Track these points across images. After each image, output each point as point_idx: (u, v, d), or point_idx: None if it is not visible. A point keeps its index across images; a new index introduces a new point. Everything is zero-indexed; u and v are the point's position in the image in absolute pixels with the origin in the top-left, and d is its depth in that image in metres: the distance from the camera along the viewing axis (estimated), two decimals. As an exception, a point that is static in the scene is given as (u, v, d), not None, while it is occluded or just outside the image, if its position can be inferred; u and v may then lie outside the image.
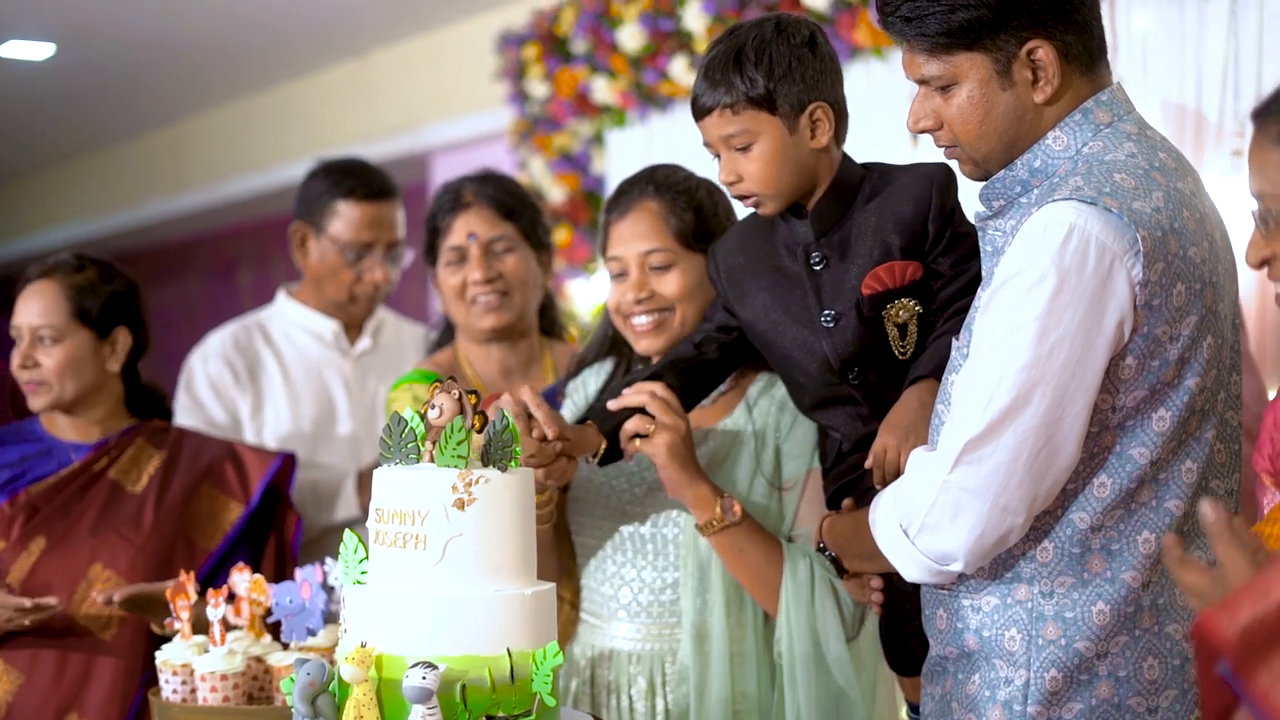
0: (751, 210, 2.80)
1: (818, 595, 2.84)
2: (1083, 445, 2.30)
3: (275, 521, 3.57)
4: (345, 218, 4.10)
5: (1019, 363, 2.26)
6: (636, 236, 2.98)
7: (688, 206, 2.98)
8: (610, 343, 3.19)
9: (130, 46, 7.49)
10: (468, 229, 3.44)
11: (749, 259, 2.83)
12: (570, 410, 3.18)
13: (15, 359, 3.42)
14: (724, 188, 2.78)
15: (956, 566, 2.37)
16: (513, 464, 2.42)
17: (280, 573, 3.43)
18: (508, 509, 2.39)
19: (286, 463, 3.59)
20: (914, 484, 2.39)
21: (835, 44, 4.72)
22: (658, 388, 2.80)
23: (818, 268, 2.73)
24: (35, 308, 3.42)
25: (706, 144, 2.75)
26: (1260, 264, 2.06)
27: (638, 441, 2.79)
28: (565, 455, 2.76)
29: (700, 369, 2.89)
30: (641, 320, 2.98)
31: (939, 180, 2.71)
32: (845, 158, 2.77)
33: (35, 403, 3.45)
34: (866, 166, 2.78)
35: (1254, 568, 1.77)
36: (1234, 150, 3.69)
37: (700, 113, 2.72)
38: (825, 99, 2.69)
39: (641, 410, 2.80)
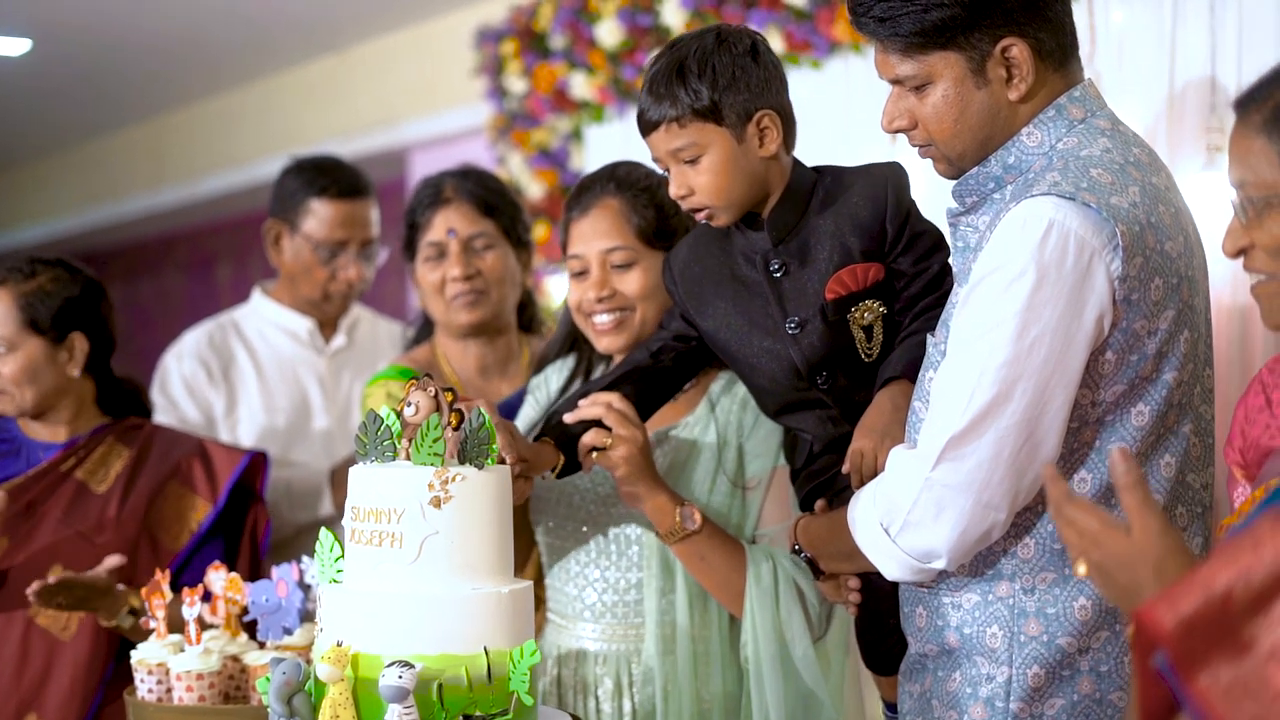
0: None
1: (782, 597, 2.83)
2: (1063, 441, 2.30)
3: (248, 520, 3.54)
4: (319, 216, 4.08)
5: (999, 359, 2.25)
6: (597, 234, 2.96)
7: (649, 204, 2.96)
8: (571, 340, 3.17)
9: (108, 42, 7.45)
10: (447, 225, 3.43)
11: (705, 269, 2.81)
12: (533, 407, 3.17)
13: None
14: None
15: (939, 564, 2.36)
16: (489, 461, 2.41)
17: (252, 572, 3.42)
18: (484, 507, 2.38)
19: (257, 460, 3.56)
20: (895, 482, 2.39)
21: (814, 39, 4.74)
22: (614, 398, 2.77)
23: (778, 275, 2.71)
24: None
25: (655, 159, 2.73)
26: (1237, 253, 2.05)
27: (595, 454, 2.77)
28: (523, 476, 2.73)
29: (657, 377, 2.87)
30: (603, 319, 2.97)
31: (893, 180, 2.70)
32: (796, 163, 2.75)
33: None
34: (818, 170, 2.77)
35: (1166, 533, 1.76)
36: (1213, 146, 3.69)
37: (647, 128, 2.70)
38: (771, 106, 2.68)
39: (598, 422, 2.78)
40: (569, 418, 2.78)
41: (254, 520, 3.54)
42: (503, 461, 2.62)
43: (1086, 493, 2.34)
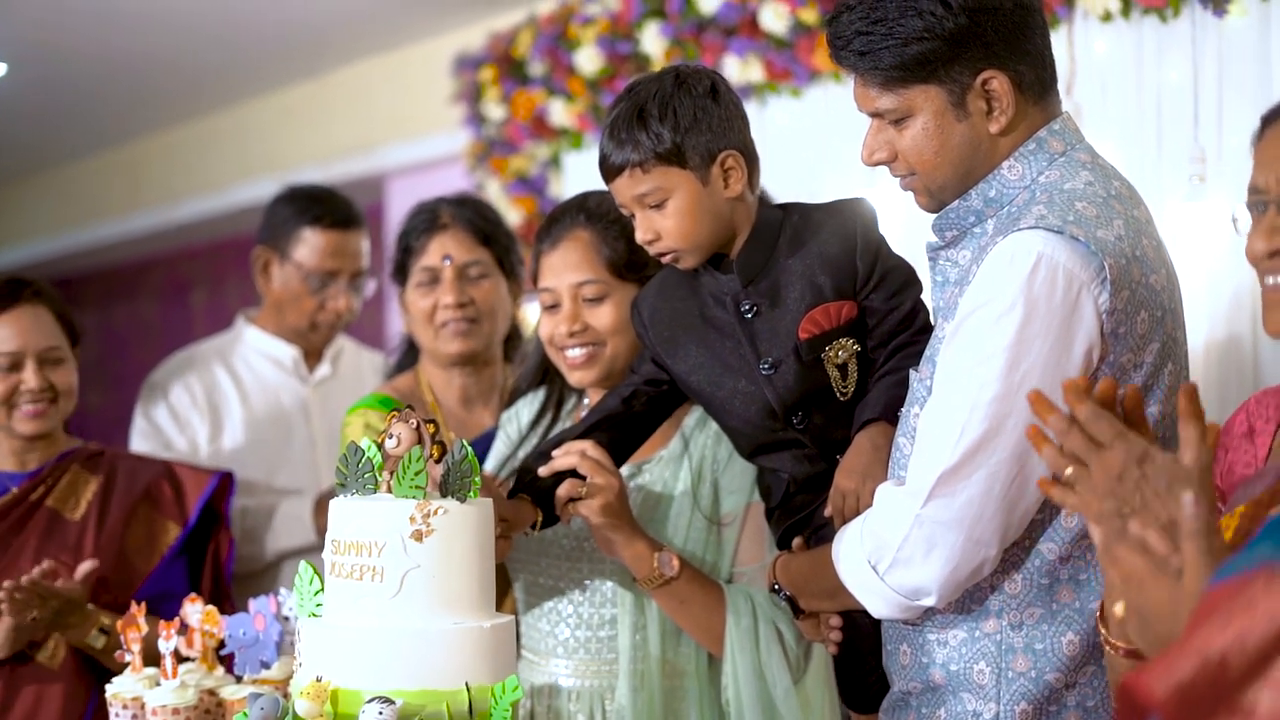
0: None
1: (762, 637, 2.81)
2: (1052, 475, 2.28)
3: (212, 542, 3.52)
4: (311, 245, 4.07)
5: (990, 394, 2.24)
6: (568, 267, 2.93)
7: (620, 236, 2.92)
8: (543, 371, 3.15)
9: (84, 66, 7.42)
10: (443, 251, 3.41)
11: (675, 312, 2.78)
12: (504, 443, 3.14)
13: (31, 382, 3.30)
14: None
15: (928, 601, 2.34)
16: (471, 494, 2.39)
17: (216, 595, 3.39)
18: (466, 541, 2.36)
19: (224, 481, 3.53)
20: (884, 519, 2.36)
21: (794, 68, 4.74)
22: (588, 446, 2.74)
23: (749, 316, 2.69)
24: (37, 330, 3.33)
25: (620, 205, 2.70)
26: (1273, 252, 2.03)
27: (573, 506, 2.74)
28: (503, 536, 2.70)
29: (630, 423, 2.84)
30: (574, 352, 2.94)
31: (862, 216, 2.69)
32: (762, 202, 2.73)
33: (42, 425, 3.34)
34: (784, 208, 2.75)
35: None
36: (1196, 175, 3.69)
37: (610, 174, 2.67)
38: (734, 146, 2.65)
39: (573, 472, 2.75)
40: (543, 471, 2.76)
41: (218, 543, 3.52)
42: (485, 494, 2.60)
43: (1074, 526, 2.32)
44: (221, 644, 2.83)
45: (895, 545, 2.33)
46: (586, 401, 3.07)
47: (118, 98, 8.19)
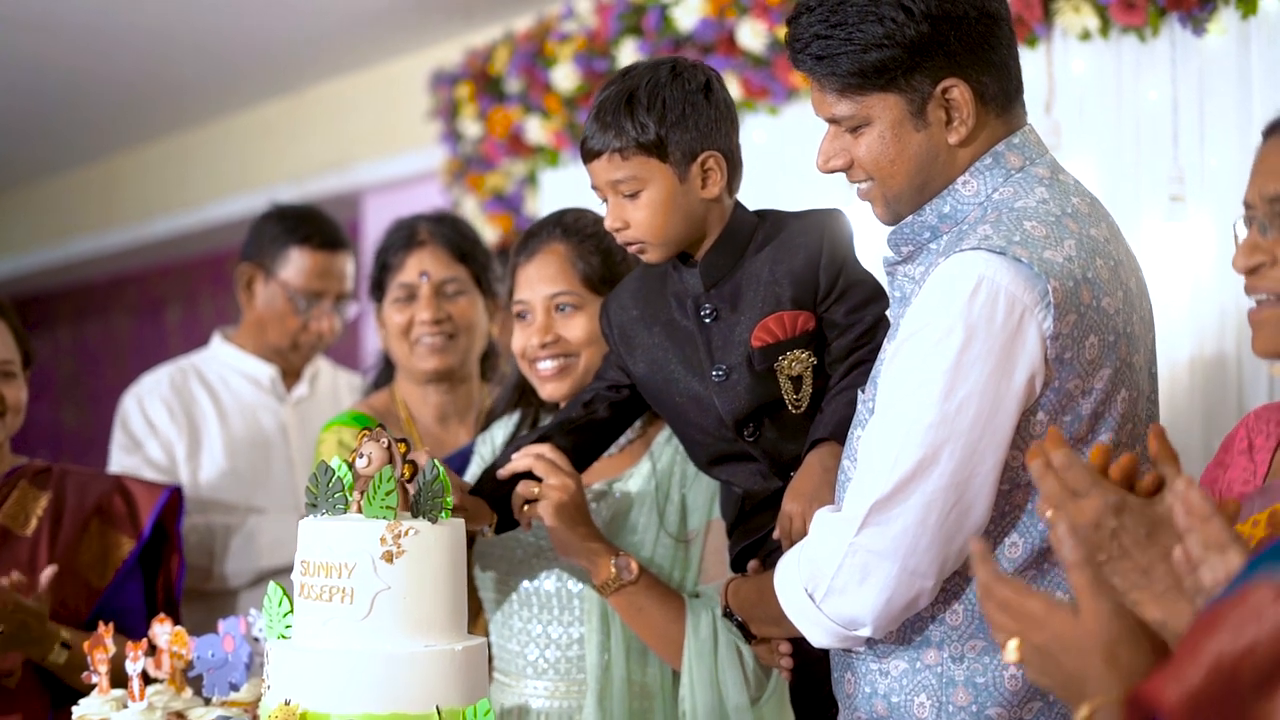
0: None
1: (721, 651, 2.78)
2: (993, 504, 2.23)
3: (163, 560, 3.48)
4: (297, 264, 4.07)
5: (926, 420, 2.18)
6: (543, 279, 2.93)
7: (595, 250, 2.92)
8: (520, 391, 3.13)
9: (58, 81, 7.40)
10: (421, 267, 3.42)
11: (641, 312, 2.77)
12: (478, 465, 3.12)
13: None
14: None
15: (864, 631, 2.29)
16: (443, 515, 2.36)
17: (168, 613, 3.35)
18: (438, 562, 2.34)
19: (174, 496, 3.50)
20: (819, 546, 2.31)
21: (771, 86, 4.73)
22: (545, 449, 2.73)
23: (708, 320, 2.66)
24: None
25: (594, 187, 2.68)
26: (1251, 269, 2.00)
27: (529, 508, 2.71)
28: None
29: (591, 429, 2.83)
30: (546, 365, 2.93)
31: (830, 226, 2.65)
32: (738, 206, 2.71)
33: None
34: (760, 214, 2.72)
35: (1119, 616, 1.70)
36: (1175, 195, 3.68)
37: (589, 155, 2.65)
38: (718, 148, 2.63)
39: (530, 474, 2.73)
40: (501, 473, 2.75)
41: (168, 561, 3.49)
42: (457, 515, 2.57)
43: (1018, 557, 2.27)
44: (190, 665, 2.80)
45: (830, 574, 2.27)
46: (560, 420, 3.05)
47: (92, 113, 8.17)
